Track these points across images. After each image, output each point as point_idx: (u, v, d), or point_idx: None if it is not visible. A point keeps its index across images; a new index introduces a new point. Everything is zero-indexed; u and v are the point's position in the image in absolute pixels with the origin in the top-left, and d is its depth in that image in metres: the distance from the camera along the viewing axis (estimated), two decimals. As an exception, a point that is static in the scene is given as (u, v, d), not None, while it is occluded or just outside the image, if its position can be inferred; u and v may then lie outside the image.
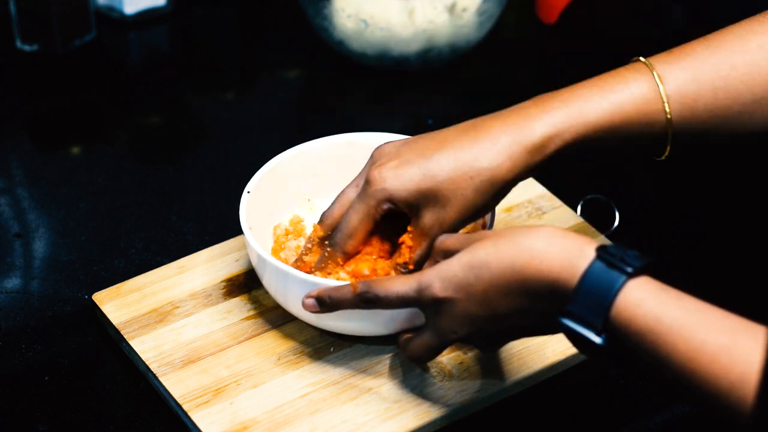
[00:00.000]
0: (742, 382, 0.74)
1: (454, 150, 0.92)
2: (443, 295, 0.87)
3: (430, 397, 0.97)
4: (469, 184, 0.92)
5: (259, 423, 0.95)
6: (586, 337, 0.81)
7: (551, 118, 0.92)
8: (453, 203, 0.92)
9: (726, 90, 0.92)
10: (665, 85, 0.92)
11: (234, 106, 1.34)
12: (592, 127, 0.92)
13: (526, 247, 0.84)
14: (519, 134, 0.92)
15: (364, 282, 0.91)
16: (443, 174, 0.92)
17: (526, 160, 0.92)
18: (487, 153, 0.92)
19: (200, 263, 1.08)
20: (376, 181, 0.93)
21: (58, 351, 1.03)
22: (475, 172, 0.92)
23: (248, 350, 1.00)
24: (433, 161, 0.92)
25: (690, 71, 0.93)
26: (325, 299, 0.93)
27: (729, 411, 0.75)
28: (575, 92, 0.93)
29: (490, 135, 0.92)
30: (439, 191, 0.92)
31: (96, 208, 1.19)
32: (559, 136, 0.92)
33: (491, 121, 0.93)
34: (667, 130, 0.93)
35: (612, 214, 1.15)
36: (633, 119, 0.92)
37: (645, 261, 0.81)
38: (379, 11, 1.30)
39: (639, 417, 0.98)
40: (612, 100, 0.92)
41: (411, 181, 0.92)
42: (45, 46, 1.37)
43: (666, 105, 0.92)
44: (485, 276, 0.85)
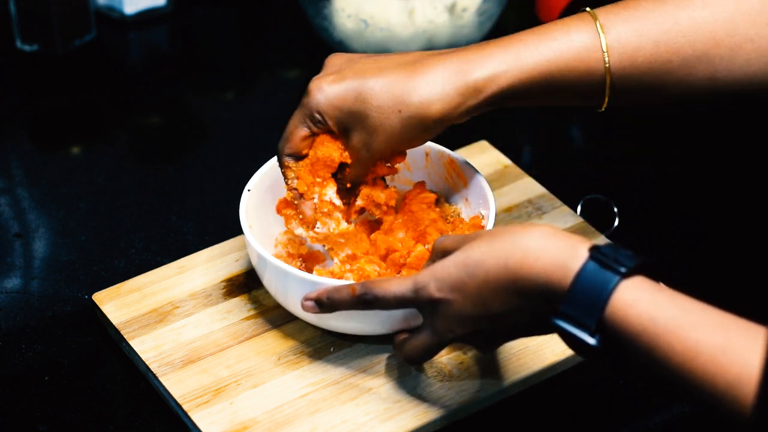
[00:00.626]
0: (740, 381, 0.74)
1: (390, 80, 0.93)
2: (439, 295, 0.87)
3: (430, 397, 0.97)
4: (397, 117, 0.93)
5: (259, 423, 0.95)
6: (580, 338, 0.81)
7: (489, 61, 0.93)
8: (379, 131, 0.94)
9: (667, 44, 0.93)
10: (606, 35, 0.93)
11: (234, 106, 1.34)
12: (528, 72, 0.93)
13: (520, 246, 0.84)
14: (454, 75, 0.93)
15: (362, 283, 0.91)
16: (374, 101, 0.93)
17: (458, 101, 0.93)
18: (419, 90, 0.93)
19: (200, 263, 1.08)
20: (312, 91, 0.96)
21: (58, 351, 1.03)
22: (404, 105, 0.93)
23: (248, 350, 1.00)
24: (367, 86, 0.94)
25: (632, 23, 0.93)
26: (324, 300, 0.93)
27: (727, 410, 0.75)
28: (516, 38, 0.94)
29: (426, 72, 0.93)
30: (367, 117, 0.94)
31: (96, 208, 1.19)
32: (495, 80, 0.93)
33: (432, 59, 0.94)
34: (606, 79, 0.94)
35: (612, 214, 1.15)
36: (571, 67, 0.93)
37: (638, 261, 0.81)
38: (379, 11, 1.30)
39: (639, 417, 0.98)
40: (552, 47, 0.93)
41: (342, 100, 0.94)
42: (45, 46, 1.37)
43: (605, 54, 0.93)
44: (479, 275, 0.85)
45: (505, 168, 1.18)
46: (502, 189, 1.15)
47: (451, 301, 0.87)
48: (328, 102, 0.94)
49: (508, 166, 1.18)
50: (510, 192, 1.15)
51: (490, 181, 1.12)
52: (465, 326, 0.88)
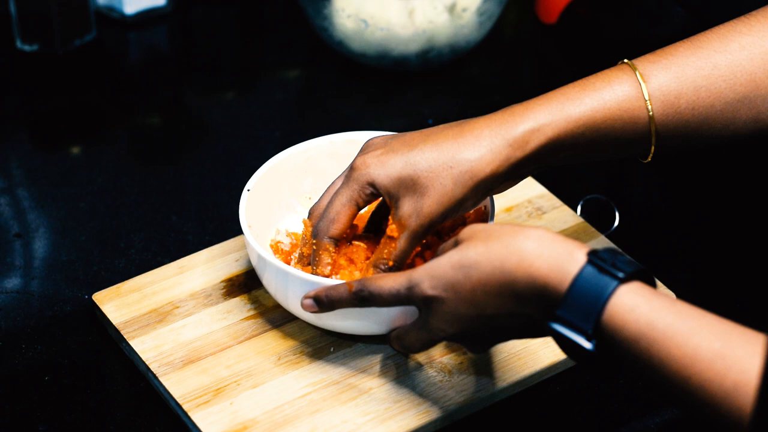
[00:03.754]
0: (737, 389, 0.74)
1: (438, 143, 0.94)
2: (432, 293, 0.87)
3: (430, 397, 0.97)
4: (448, 174, 0.93)
5: (259, 423, 0.95)
6: (576, 342, 0.81)
7: (534, 114, 0.93)
8: (431, 192, 0.93)
9: (708, 89, 0.94)
10: (647, 84, 0.94)
11: (234, 106, 1.34)
12: (573, 122, 0.93)
13: (517, 248, 0.84)
14: (501, 129, 0.93)
15: (359, 280, 0.91)
16: (424, 163, 0.93)
17: (507, 154, 0.93)
18: (469, 146, 0.93)
19: (200, 263, 1.08)
20: (359, 166, 0.95)
21: (58, 351, 1.03)
22: (454, 162, 0.93)
23: (248, 350, 1.00)
24: (415, 151, 0.94)
25: (672, 70, 0.94)
26: (323, 299, 0.94)
27: (724, 418, 0.75)
28: (560, 92, 0.95)
29: (474, 131, 0.93)
30: (418, 179, 0.93)
31: (96, 208, 1.19)
32: (541, 131, 0.93)
33: (478, 120, 0.95)
34: (650, 127, 0.94)
35: (612, 214, 1.15)
36: (615, 116, 0.93)
37: (637, 267, 0.81)
38: (379, 11, 1.30)
39: (639, 417, 0.98)
40: (594, 97, 0.94)
41: (393, 168, 0.94)
42: (45, 46, 1.37)
43: (648, 102, 0.93)
44: (474, 276, 0.85)
45: (505, 168, 1.18)
46: (502, 189, 1.15)
47: (445, 299, 0.87)
48: (378, 173, 0.94)
49: (508, 166, 1.18)
50: (510, 192, 1.15)
51: (490, 181, 1.12)
52: (457, 326, 0.88)
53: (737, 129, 0.95)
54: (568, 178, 1.19)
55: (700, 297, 1.08)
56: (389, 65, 1.34)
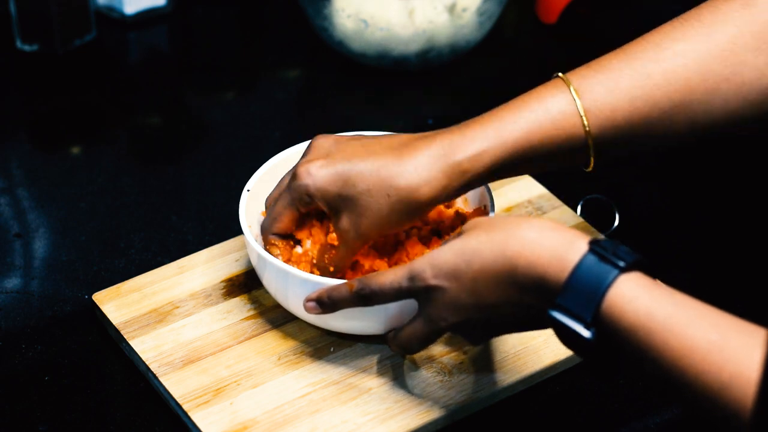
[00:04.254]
0: (733, 381, 0.74)
1: (378, 164, 0.93)
2: (434, 282, 0.87)
3: (430, 397, 0.97)
4: (386, 201, 0.93)
5: (259, 423, 0.95)
6: (575, 330, 0.81)
7: (470, 142, 0.93)
8: (368, 215, 0.94)
9: (643, 99, 0.93)
10: (582, 99, 0.93)
11: (234, 106, 1.34)
12: (510, 147, 0.93)
13: (518, 237, 0.84)
14: (439, 159, 0.93)
15: (359, 279, 0.92)
16: (362, 185, 0.93)
17: (445, 184, 0.93)
18: (406, 174, 0.93)
19: (200, 263, 1.08)
20: (300, 176, 0.95)
21: (58, 351, 1.03)
22: (392, 190, 0.93)
23: (248, 350, 1.00)
24: (356, 170, 0.94)
25: (606, 83, 0.93)
26: (325, 300, 0.94)
27: (720, 411, 0.75)
28: (495, 115, 0.94)
29: (413, 157, 0.93)
30: (356, 200, 0.94)
31: (96, 208, 1.19)
32: (478, 159, 0.93)
33: (418, 143, 0.94)
34: (588, 141, 0.94)
35: (612, 214, 1.15)
36: (552, 136, 0.93)
37: (637, 257, 0.81)
38: (379, 11, 1.30)
39: (639, 417, 0.98)
40: (529, 118, 0.93)
41: (332, 184, 0.94)
42: (45, 46, 1.37)
43: (584, 118, 0.93)
44: (476, 264, 0.85)
45: (505, 168, 1.18)
46: (502, 189, 1.15)
47: (446, 288, 0.87)
48: (317, 186, 0.94)
49: (508, 166, 1.18)
50: (510, 192, 1.15)
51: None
52: (458, 314, 0.88)
53: (675, 134, 0.94)
54: (568, 178, 1.19)
55: (700, 297, 1.07)
56: (389, 65, 1.34)
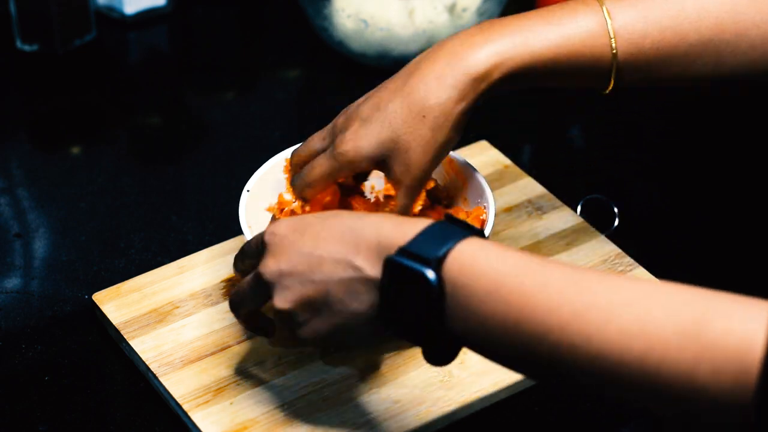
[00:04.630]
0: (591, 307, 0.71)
1: (405, 95, 0.93)
2: (279, 231, 0.85)
3: (430, 397, 0.97)
4: (423, 123, 0.92)
5: (259, 423, 0.95)
6: (417, 269, 0.77)
7: (495, 46, 0.92)
8: (413, 145, 0.93)
9: (674, 29, 0.93)
10: (613, 21, 0.93)
11: (234, 106, 1.34)
12: (537, 57, 0.92)
13: (371, 216, 0.83)
14: (463, 65, 0.92)
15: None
16: (398, 121, 0.92)
17: (473, 87, 0.92)
18: (434, 90, 0.92)
19: (200, 263, 1.08)
20: (339, 145, 0.94)
21: (58, 351, 1.03)
22: (426, 110, 0.92)
23: (248, 350, 1.00)
24: (387, 112, 0.93)
25: (639, 9, 0.93)
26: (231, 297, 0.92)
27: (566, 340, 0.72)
28: (522, 21, 0.93)
29: (435, 70, 0.92)
30: (398, 138, 0.93)
31: (96, 208, 1.19)
32: (504, 64, 0.92)
33: (435, 54, 0.93)
34: (612, 64, 0.94)
35: (612, 214, 1.15)
36: (578, 52, 0.93)
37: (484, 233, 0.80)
38: (379, 11, 1.30)
39: (639, 417, 0.98)
40: (559, 32, 0.93)
41: (372, 138, 0.93)
42: (45, 46, 1.37)
43: (612, 40, 0.93)
44: (328, 221, 0.83)
45: (505, 168, 1.18)
46: (502, 189, 1.15)
47: (287, 237, 0.84)
48: (358, 151, 0.93)
49: (508, 166, 1.18)
50: (510, 192, 1.15)
51: (489, 181, 1.12)
52: (286, 261, 0.84)
53: (697, 72, 0.94)
54: (568, 178, 1.19)
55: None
56: (389, 65, 1.34)
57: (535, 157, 1.26)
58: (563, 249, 1.10)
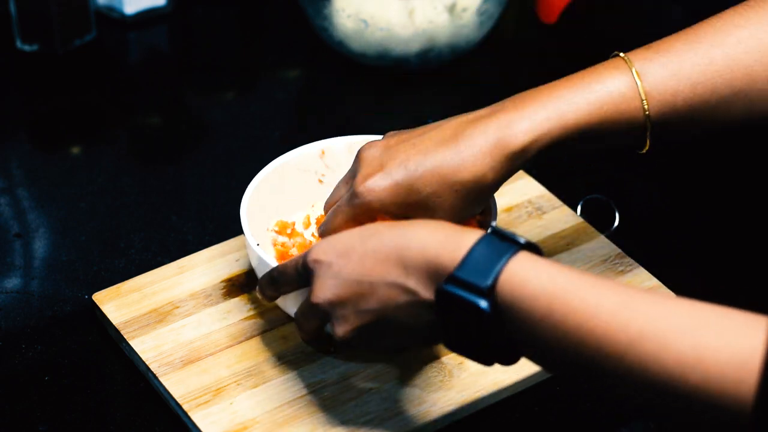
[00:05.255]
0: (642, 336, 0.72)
1: (436, 161, 0.92)
2: (322, 257, 0.86)
3: (430, 397, 0.97)
4: (455, 197, 0.92)
5: (259, 423, 0.95)
6: (470, 301, 0.77)
7: (530, 123, 0.91)
8: (439, 212, 0.92)
9: (704, 84, 0.92)
10: (643, 82, 0.92)
11: (234, 106, 1.34)
12: (571, 128, 0.92)
13: (419, 224, 0.83)
14: (499, 142, 0.91)
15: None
16: (427, 189, 0.91)
17: (508, 166, 0.92)
18: (469, 164, 0.91)
19: (200, 263, 1.08)
20: (362, 194, 0.93)
21: (58, 351, 1.03)
22: (459, 184, 0.91)
23: (248, 350, 1.00)
24: (416, 175, 0.92)
25: (668, 66, 0.93)
26: (263, 284, 0.94)
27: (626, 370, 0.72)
28: (553, 92, 0.93)
29: (471, 144, 0.91)
30: (425, 204, 0.92)
31: (96, 208, 1.19)
32: (539, 140, 0.92)
33: (471, 128, 0.92)
34: (646, 125, 0.93)
35: (612, 214, 1.15)
36: (612, 117, 0.92)
37: (535, 242, 0.80)
38: (379, 11, 1.30)
39: (639, 417, 0.98)
40: (590, 99, 0.92)
41: (396, 196, 0.92)
42: (45, 46, 1.37)
43: (644, 102, 0.92)
44: (369, 242, 0.84)
45: (505, 168, 1.18)
46: (502, 189, 1.15)
47: (332, 263, 0.85)
48: (381, 202, 0.92)
49: (508, 166, 1.18)
50: (510, 192, 1.15)
51: (490, 181, 1.12)
52: (337, 288, 0.85)
53: (731, 121, 0.94)
54: (568, 178, 1.19)
55: (701, 297, 1.07)
56: (389, 65, 1.34)
57: (535, 157, 1.26)
58: (563, 249, 1.10)
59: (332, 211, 0.96)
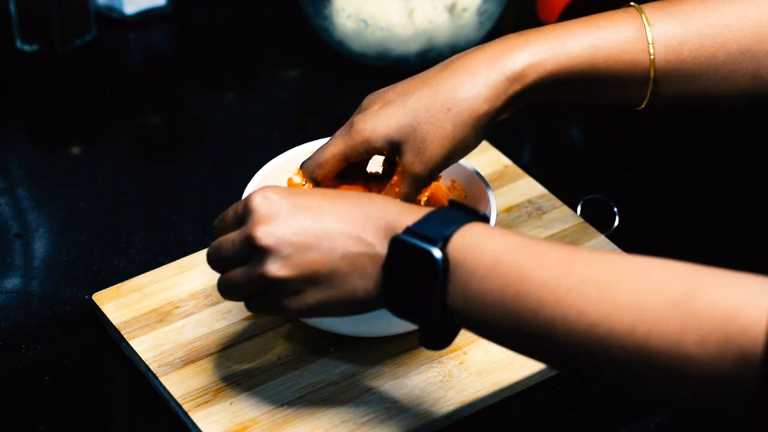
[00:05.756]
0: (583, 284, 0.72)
1: (433, 85, 0.92)
2: (274, 197, 0.83)
3: (430, 397, 0.97)
4: (447, 116, 0.91)
5: (259, 423, 0.95)
6: (423, 248, 0.77)
7: (533, 47, 0.91)
8: (431, 136, 0.91)
9: (712, 37, 0.92)
10: (652, 27, 0.92)
11: (234, 106, 1.34)
12: (574, 59, 0.91)
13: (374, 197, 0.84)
14: (498, 63, 0.91)
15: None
16: (422, 109, 0.91)
17: (505, 87, 0.91)
18: (465, 84, 0.91)
19: (200, 263, 1.08)
20: (358, 123, 0.93)
21: (58, 351, 1.03)
22: (452, 103, 0.91)
23: (248, 350, 1.00)
24: (412, 98, 0.92)
25: (678, 16, 0.93)
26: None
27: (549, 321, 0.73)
28: (561, 26, 0.93)
29: (469, 67, 0.92)
30: (418, 125, 0.91)
31: (96, 208, 1.19)
32: (540, 65, 0.91)
33: (472, 53, 0.93)
34: (650, 72, 0.93)
35: (612, 214, 1.15)
36: (616, 56, 0.92)
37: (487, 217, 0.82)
38: (379, 11, 1.30)
39: (639, 417, 0.98)
40: (597, 35, 0.92)
41: (391, 119, 0.92)
42: (45, 46, 1.37)
43: (651, 46, 0.92)
44: (332, 198, 0.83)
45: (505, 168, 1.18)
46: (502, 189, 1.15)
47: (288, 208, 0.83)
48: (376, 129, 0.92)
49: (508, 166, 1.18)
50: (510, 192, 1.15)
51: (490, 181, 1.12)
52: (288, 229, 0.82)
53: (736, 83, 0.93)
54: (568, 178, 1.19)
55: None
56: (389, 65, 1.34)
57: (535, 157, 1.26)
58: (563, 249, 1.10)
59: (323, 144, 0.95)
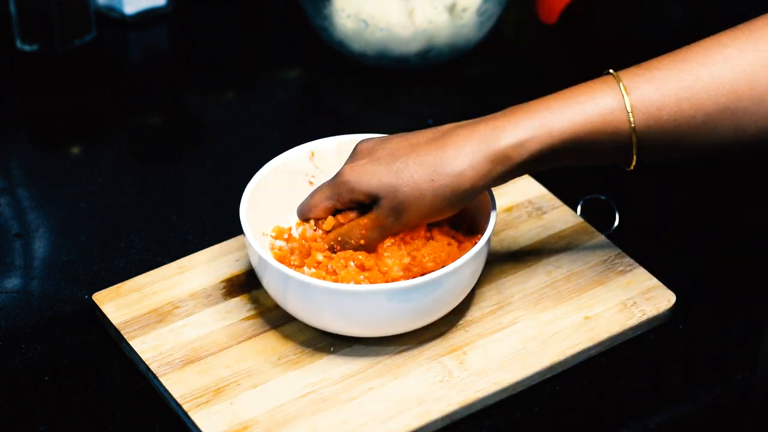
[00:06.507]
0: None
1: (422, 154, 0.96)
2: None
3: (430, 397, 0.97)
4: (429, 186, 0.95)
5: (259, 423, 0.95)
6: None
7: (516, 128, 0.95)
8: (409, 201, 0.96)
9: (690, 100, 0.94)
10: (630, 96, 0.94)
11: (234, 106, 1.34)
12: (557, 137, 0.94)
13: None
14: (483, 144, 0.95)
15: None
16: (406, 174, 0.96)
17: (488, 169, 0.95)
18: (450, 160, 0.95)
19: (200, 263, 1.08)
20: (344, 173, 0.98)
21: (58, 351, 1.03)
22: (435, 175, 0.95)
23: (248, 350, 1.01)
24: (399, 162, 0.96)
25: (655, 82, 0.95)
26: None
27: None
28: (542, 104, 0.96)
29: (456, 144, 0.95)
30: (399, 187, 0.96)
31: (96, 208, 1.19)
32: (523, 146, 0.94)
33: (460, 130, 0.96)
34: (632, 139, 0.95)
35: (612, 214, 1.15)
36: (598, 129, 0.95)
37: None
38: (379, 11, 1.30)
39: (639, 417, 0.98)
40: (577, 110, 0.95)
41: (375, 176, 0.97)
42: (45, 46, 1.37)
43: (630, 115, 0.94)
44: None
45: (505, 168, 1.18)
46: (502, 189, 1.15)
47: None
48: (360, 182, 0.97)
49: (508, 166, 1.18)
50: (510, 192, 1.15)
51: (490, 181, 1.12)
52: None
53: (717, 140, 0.96)
54: (568, 178, 1.19)
55: (701, 297, 1.08)
56: (389, 65, 1.34)
57: (535, 157, 1.26)
58: (563, 249, 1.10)
59: (314, 189, 1.01)
